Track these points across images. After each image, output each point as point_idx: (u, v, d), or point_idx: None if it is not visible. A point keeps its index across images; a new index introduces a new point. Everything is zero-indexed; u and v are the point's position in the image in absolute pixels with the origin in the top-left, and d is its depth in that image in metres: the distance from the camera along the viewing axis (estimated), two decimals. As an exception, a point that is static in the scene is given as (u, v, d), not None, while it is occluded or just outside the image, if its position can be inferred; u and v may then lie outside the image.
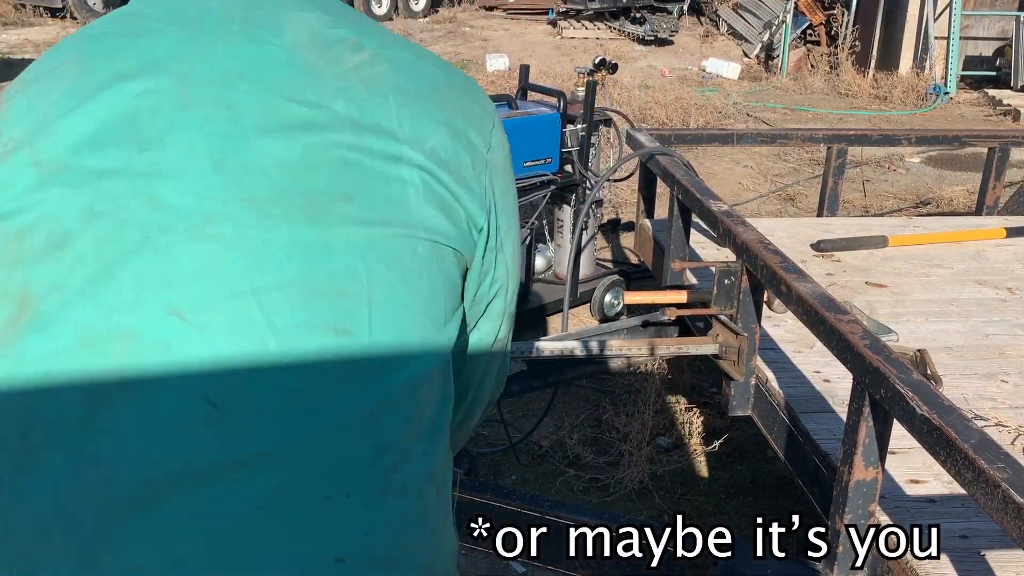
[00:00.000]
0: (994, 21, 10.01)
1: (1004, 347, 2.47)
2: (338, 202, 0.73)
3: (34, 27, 11.79)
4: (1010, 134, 4.07)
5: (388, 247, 0.74)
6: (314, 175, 0.73)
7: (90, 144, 0.71)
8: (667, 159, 2.94)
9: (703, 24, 12.19)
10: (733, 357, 2.25)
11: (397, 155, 0.76)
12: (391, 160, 0.76)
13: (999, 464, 1.18)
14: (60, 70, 0.77)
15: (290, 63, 0.76)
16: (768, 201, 5.83)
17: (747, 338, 2.20)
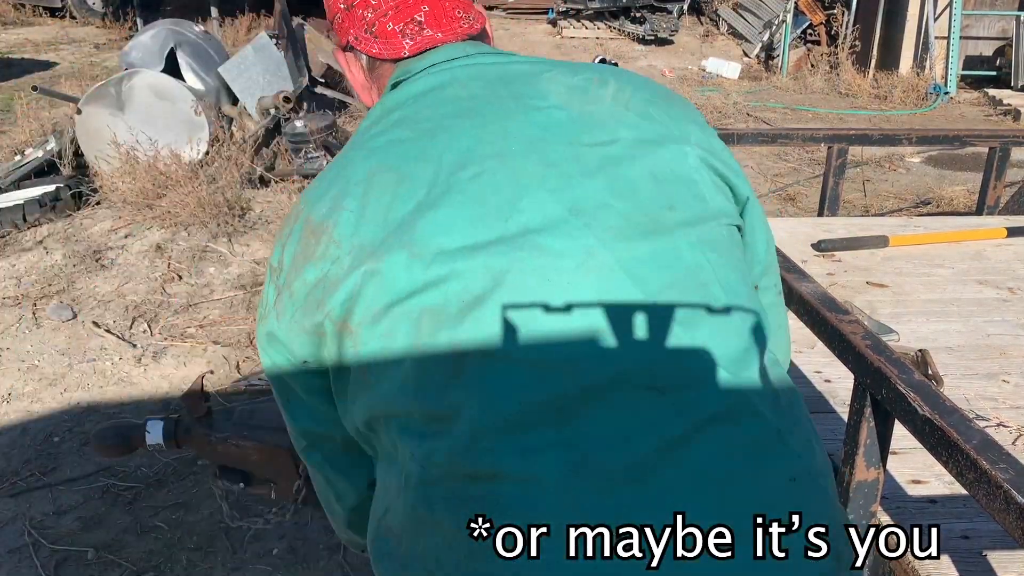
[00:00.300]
0: (994, 21, 10.00)
1: (1005, 347, 2.46)
2: (666, 212, 0.90)
3: (33, 27, 11.78)
4: (1010, 134, 4.06)
5: (711, 237, 0.92)
6: (640, 196, 0.90)
7: (469, 223, 0.86)
8: (667, 159, 2.94)
9: (703, 24, 12.19)
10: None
11: (684, 155, 0.95)
12: (682, 161, 0.94)
13: (1001, 465, 1.17)
14: (373, 181, 0.90)
15: (570, 117, 0.92)
16: (768, 201, 5.83)
17: None
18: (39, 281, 4.21)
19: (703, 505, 0.91)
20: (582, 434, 0.84)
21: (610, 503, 0.87)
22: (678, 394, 0.87)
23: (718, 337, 0.89)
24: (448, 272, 0.84)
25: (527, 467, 0.84)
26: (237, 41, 9.77)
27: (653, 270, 0.87)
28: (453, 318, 0.84)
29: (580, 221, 0.86)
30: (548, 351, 0.84)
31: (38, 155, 5.45)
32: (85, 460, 2.90)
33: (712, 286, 0.90)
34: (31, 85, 6.58)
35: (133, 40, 6.34)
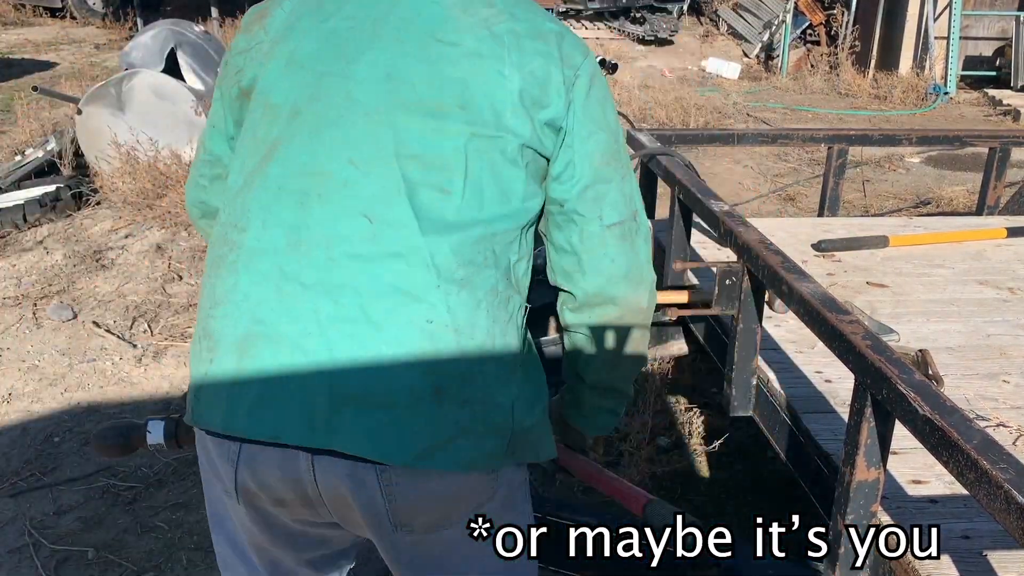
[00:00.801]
0: (994, 21, 10.00)
1: (1005, 347, 2.46)
2: (456, 109, 1.15)
3: (34, 27, 11.78)
4: (1010, 134, 4.07)
5: (482, 145, 1.15)
6: (444, 90, 1.15)
7: (320, 53, 1.19)
8: (668, 159, 2.94)
9: (703, 24, 12.19)
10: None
11: (501, 78, 1.17)
12: (496, 82, 1.16)
13: (1001, 465, 1.17)
14: (304, 4, 1.24)
15: (442, 16, 1.19)
16: (768, 201, 5.83)
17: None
18: (39, 281, 4.21)
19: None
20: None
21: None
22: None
23: (432, 209, 1.13)
24: (292, 79, 1.19)
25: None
26: (237, 41, 9.76)
27: (413, 140, 1.14)
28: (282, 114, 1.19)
29: (386, 86, 1.16)
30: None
31: (38, 155, 5.45)
32: (85, 460, 2.90)
33: (457, 176, 1.14)
34: (31, 85, 6.58)
35: (133, 40, 6.34)
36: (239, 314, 1.15)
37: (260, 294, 1.14)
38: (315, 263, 1.13)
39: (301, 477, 1.15)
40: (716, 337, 2.53)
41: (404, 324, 1.12)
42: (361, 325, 1.11)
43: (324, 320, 1.11)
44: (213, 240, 1.25)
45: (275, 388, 1.12)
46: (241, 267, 1.16)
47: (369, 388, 1.11)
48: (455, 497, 1.19)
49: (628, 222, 1.29)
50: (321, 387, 1.11)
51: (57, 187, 5.04)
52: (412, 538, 1.21)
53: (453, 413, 1.14)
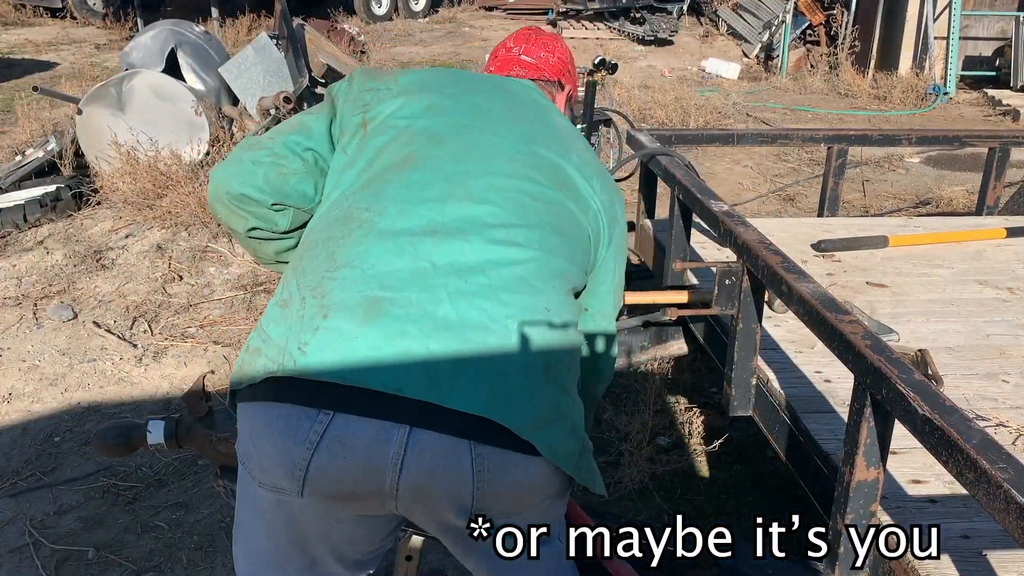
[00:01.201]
0: (994, 21, 10.01)
1: (1005, 347, 2.46)
2: (567, 190, 1.45)
3: (34, 27, 11.78)
4: (1010, 134, 4.07)
5: (579, 218, 1.44)
6: (560, 175, 1.46)
7: (464, 112, 1.48)
8: (668, 159, 2.94)
9: (703, 24, 12.19)
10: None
11: (592, 193, 1.49)
12: (589, 194, 1.49)
13: (1001, 464, 1.17)
14: (441, 76, 1.56)
15: (557, 134, 1.53)
16: (768, 201, 5.84)
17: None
18: (40, 281, 4.21)
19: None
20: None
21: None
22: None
23: (549, 239, 1.38)
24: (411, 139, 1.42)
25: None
26: (237, 41, 9.77)
27: (539, 187, 1.41)
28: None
29: (527, 148, 1.45)
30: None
31: (39, 155, 5.45)
32: (86, 460, 2.90)
33: (568, 227, 1.42)
34: (32, 85, 6.58)
35: (134, 40, 6.34)
36: (366, 279, 1.23)
37: (391, 265, 1.25)
38: (448, 249, 1.28)
39: (386, 464, 1.16)
40: (716, 337, 2.53)
41: (527, 306, 1.27)
42: (489, 301, 1.25)
43: (454, 292, 1.23)
44: (327, 222, 1.36)
45: (401, 344, 1.18)
46: (373, 240, 1.28)
47: (493, 355, 1.22)
48: (532, 486, 1.26)
49: (612, 328, 1.63)
50: (448, 349, 1.19)
51: (57, 187, 5.04)
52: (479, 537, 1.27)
53: (555, 395, 1.27)
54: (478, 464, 1.19)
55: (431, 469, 1.17)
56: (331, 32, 9.29)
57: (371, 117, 1.45)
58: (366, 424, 1.15)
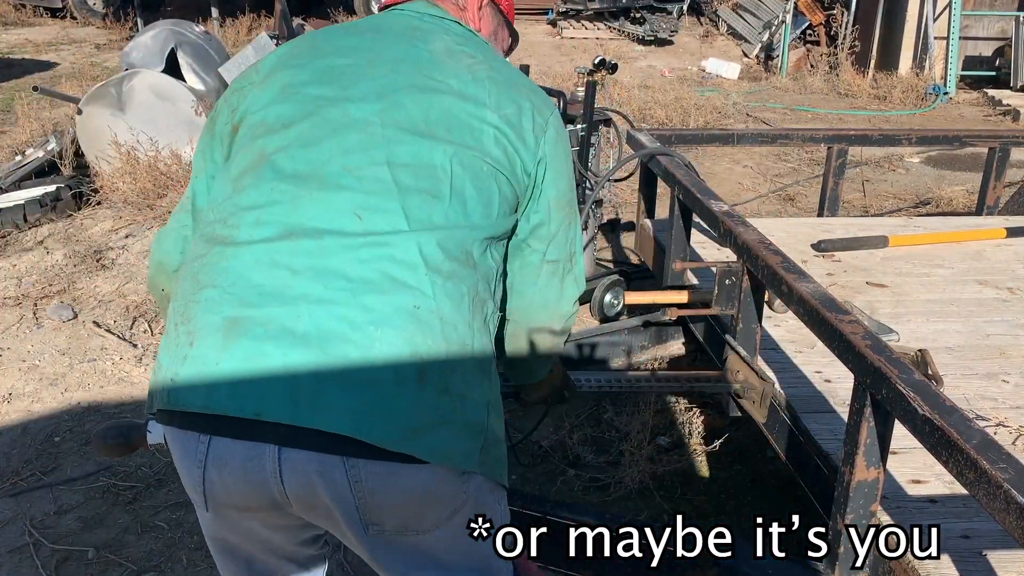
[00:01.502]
0: (994, 21, 10.00)
1: (1005, 347, 2.46)
2: (442, 130, 1.30)
3: (34, 27, 11.78)
4: (1010, 134, 4.07)
5: (466, 158, 1.29)
6: (431, 115, 1.30)
7: (316, 81, 1.33)
8: (668, 159, 2.94)
9: (703, 24, 12.19)
10: (755, 398, 2.21)
11: (482, 115, 1.33)
12: (477, 116, 1.32)
13: (1001, 464, 1.17)
14: (300, 45, 1.42)
15: (430, 59, 1.37)
16: (768, 201, 5.83)
17: (772, 384, 2.17)
18: (40, 281, 4.21)
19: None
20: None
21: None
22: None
23: (421, 210, 1.24)
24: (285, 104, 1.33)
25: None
26: (238, 41, 9.77)
27: (405, 152, 1.26)
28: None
29: (379, 106, 1.30)
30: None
31: (39, 155, 5.45)
32: (86, 460, 2.90)
33: (444, 184, 1.26)
34: (32, 85, 6.58)
35: (134, 40, 6.34)
36: (226, 297, 1.18)
37: (250, 280, 1.18)
38: (306, 252, 1.19)
39: (266, 478, 1.16)
40: (716, 337, 2.53)
41: (393, 308, 1.17)
42: (351, 308, 1.16)
43: (314, 303, 1.16)
44: (196, 242, 1.31)
45: (260, 366, 1.14)
46: (231, 255, 1.21)
47: (356, 368, 1.14)
48: (424, 496, 1.19)
49: (564, 262, 1.47)
50: (307, 366, 1.14)
51: (57, 187, 5.04)
52: (386, 539, 1.22)
53: (434, 400, 1.18)
54: (354, 476, 1.15)
55: (308, 484, 1.15)
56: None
57: (239, 119, 1.36)
58: (238, 445, 1.16)
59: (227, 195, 1.29)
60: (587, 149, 3.68)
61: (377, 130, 1.28)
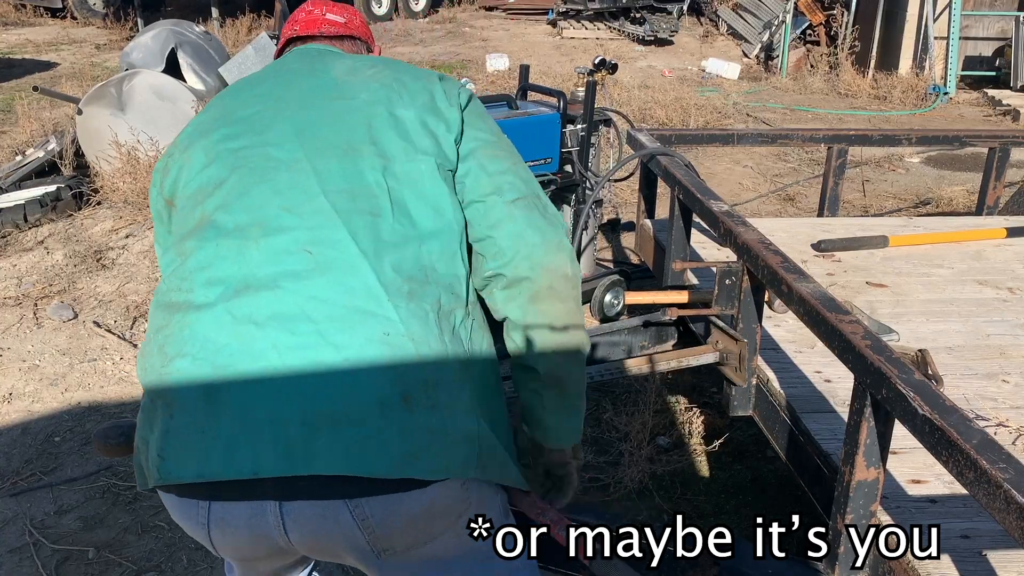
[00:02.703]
0: (994, 21, 10.01)
1: (1005, 347, 2.47)
2: (367, 145, 1.30)
3: (34, 27, 11.78)
4: (1010, 134, 4.07)
5: (397, 165, 1.29)
6: (351, 134, 1.31)
7: (233, 136, 1.33)
8: (668, 159, 2.94)
9: (703, 24, 12.19)
10: (735, 363, 2.24)
11: (399, 113, 1.34)
12: (396, 116, 1.33)
13: (1001, 464, 1.17)
14: (211, 110, 1.43)
15: (334, 82, 1.40)
16: (768, 201, 5.84)
17: (747, 343, 2.19)
18: (40, 281, 4.21)
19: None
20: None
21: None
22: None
23: (368, 231, 1.23)
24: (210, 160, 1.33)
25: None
26: (238, 41, 9.77)
27: (335, 178, 1.26)
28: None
29: (299, 142, 1.30)
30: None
31: (39, 155, 5.46)
32: (86, 460, 2.90)
33: (383, 201, 1.25)
34: (32, 85, 6.59)
35: (134, 40, 6.34)
36: (198, 364, 1.17)
37: (216, 342, 1.17)
38: (264, 302, 1.18)
39: (270, 532, 1.17)
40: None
41: (363, 340, 1.16)
42: (322, 349, 1.15)
43: (284, 352, 1.15)
44: (154, 315, 1.29)
45: (248, 425, 1.13)
46: (192, 321, 1.20)
47: (340, 407, 1.14)
48: (430, 512, 1.20)
49: (530, 198, 1.36)
50: (293, 416, 1.13)
51: (58, 187, 5.04)
52: (397, 559, 1.23)
53: (424, 419, 1.17)
54: (359, 516, 1.15)
55: (314, 531, 1.17)
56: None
57: (170, 194, 1.37)
58: (238, 506, 1.17)
59: (176, 264, 1.28)
60: (587, 149, 3.69)
61: (304, 164, 1.27)
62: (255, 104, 1.38)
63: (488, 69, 9.67)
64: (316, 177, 1.26)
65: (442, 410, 1.19)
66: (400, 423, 1.15)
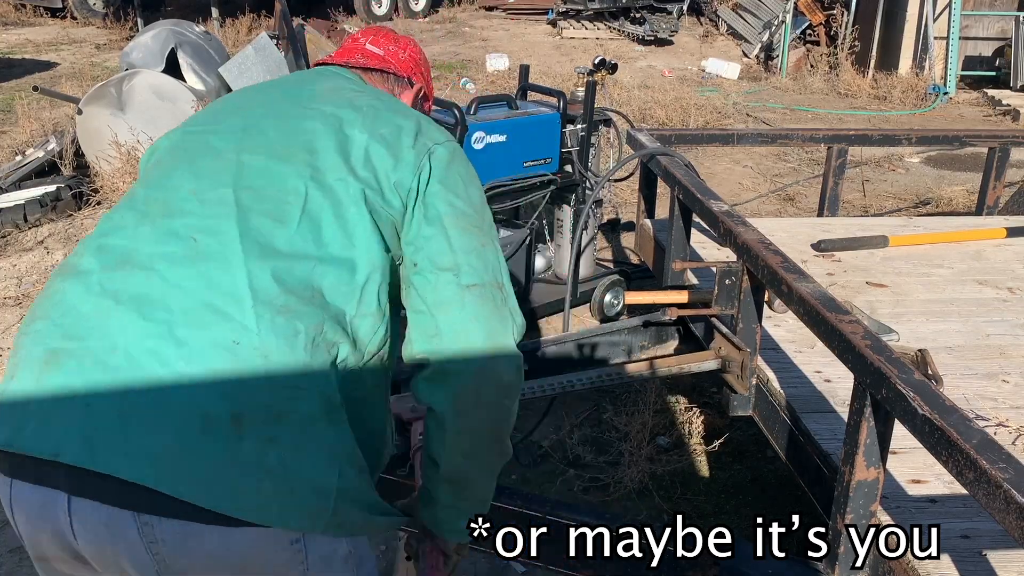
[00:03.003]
0: (993, 21, 10.00)
1: (1005, 347, 2.47)
2: (303, 153, 1.24)
3: (34, 27, 11.78)
4: (1010, 134, 4.07)
5: (326, 182, 1.21)
6: (293, 139, 1.27)
7: (194, 123, 1.37)
8: (668, 159, 2.94)
9: (703, 24, 12.19)
10: (736, 371, 2.24)
11: (350, 133, 1.27)
12: (345, 136, 1.27)
13: (1001, 464, 1.17)
14: (209, 110, 1.42)
15: (310, 94, 1.37)
16: (768, 201, 5.83)
17: (749, 353, 2.19)
18: (40, 281, 4.21)
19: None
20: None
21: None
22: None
23: (260, 234, 1.17)
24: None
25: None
26: (238, 41, 9.77)
27: (252, 174, 1.22)
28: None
29: (241, 135, 1.28)
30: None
31: (39, 155, 5.46)
32: (86, 460, 2.90)
33: (295, 209, 1.19)
34: (32, 85, 6.58)
35: (134, 40, 6.34)
36: (52, 329, 1.11)
37: (78, 311, 1.11)
38: (134, 280, 1.12)
39: (61, 529, 1.05)
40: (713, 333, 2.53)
41: (207, 342, 1.07)
42: (164, 341, 1.06)
43: (130, 336, 1.07)
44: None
45: (66, 403, 1.05)
46: (68, 285, 1.15)
47: (162, 409, 1.04)
48: (241, 562, 1.05)
49: (489, 286, 1.22)
50: (111, 405, 1.04)
51: (58, 187, 5.04)
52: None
53: (255, 451, 1.04)
54: (147, 536, 1.02)
55: (98, 540, 1.04)
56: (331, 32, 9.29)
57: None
58: (32, 490, 1.06)
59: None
60: (587, 149, 3.69)
61: (231, 155, 1.24)
62: (233, 103, 1.40)
63: (488, 69, 9.67)
64: (236, 170, 1.22)
65: (284, 449, 1.06)
66: (222, 446, 1.03)
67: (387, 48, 1.54)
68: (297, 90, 1.39)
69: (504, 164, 3.44)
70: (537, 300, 3.80)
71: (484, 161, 3.36)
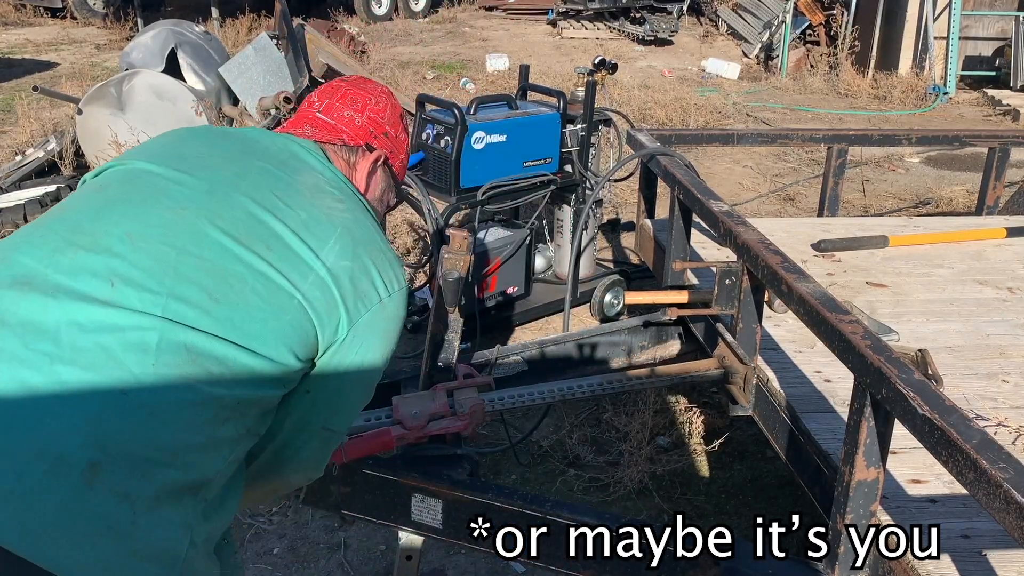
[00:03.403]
0: (994, 21, 10.00)
1: (1005, 347, 2.47)
2: (263, 249, 1.18)
3: (34, 27, 11.78)
4: (1010, 134, 4.07)
5: (272, 282, 1.16)
6: (257, 231, 1.19)
7: (154, 159, 1.27)
8: (668, 159, 2.94)
9: (703, 24, 12.19)
10: (739, 383, 2.23)
11: (310, 260, 1.20)
12: (306, 260, 1.20)
13: (1001, 464, 1.17)
14: (173, 149, 1.32)
15: (289, 184, 1.28)
16: (768, 201, 5.83)
17: (753, 369, 2.19)
18: (40, 281, 4.21)
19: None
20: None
21: None
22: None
23: (188, 308, 1.10)
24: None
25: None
26: (238, 41, 9.77)
27: (205, 245, 1.15)
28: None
29: (208, 199, 1.20)
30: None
31: (39, 155, 5.46)
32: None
33: (237, 293, 1.13)
34: (32, 85, 6.58)
35: (134, 40, 6.35)
36: None
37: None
38: (31, 304, 1.05)
39: None
40: (715, 337, 2.53)
41: (90, 387, 1.01)
42: (41, 374, 1.00)
43: (5, 360, 1.00)
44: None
45: None
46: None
47: (13, 442, 0.96)
48: None
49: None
50: None
51: (58, 187, 5.04)
52: None
53: (106, 504, 0.98)
54: None
55: None
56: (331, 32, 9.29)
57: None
58: None
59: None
60: (587, 149, 3.69)
61: (189, 216, 1.16)
62: (205, 147, 1.31)
63: (488, 69, 9.66)
64: (189, 236, 1.15)
65: (137, 507, 0.99)
66: (66, 493, 0.96)
67: (340, 115, 1.45)
68: (278, 171, 1.29)
69: (504, 164, 3.45)
70: (537, 300, 3.80)
71: (484, 161, 3.36)
